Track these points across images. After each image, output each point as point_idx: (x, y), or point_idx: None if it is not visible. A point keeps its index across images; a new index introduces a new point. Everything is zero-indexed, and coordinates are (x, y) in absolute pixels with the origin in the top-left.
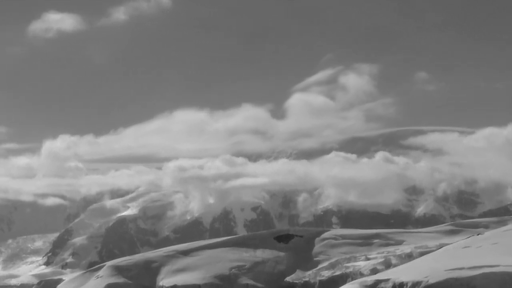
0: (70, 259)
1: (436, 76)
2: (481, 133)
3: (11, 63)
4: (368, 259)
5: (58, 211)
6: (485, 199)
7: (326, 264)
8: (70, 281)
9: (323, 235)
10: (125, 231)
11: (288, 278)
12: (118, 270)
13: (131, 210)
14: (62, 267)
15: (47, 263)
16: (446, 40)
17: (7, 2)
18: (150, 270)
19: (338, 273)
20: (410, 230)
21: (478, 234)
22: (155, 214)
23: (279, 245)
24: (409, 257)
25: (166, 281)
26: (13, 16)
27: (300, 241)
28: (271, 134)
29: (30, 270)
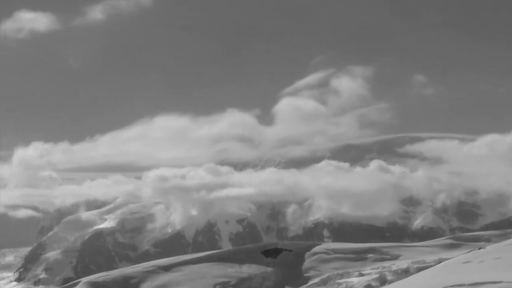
0: (43, 275)
1: (434, 79)
2: (482, 140)
3: None
4: (362, 275)
5: (31, 224)
6: (487, 211)
7: (317, 280)
8: None
9: (314, 249)
10: (102, 245)
11: None
12: (95, 286)
13: (109, 223)
14: (35, 284)
15: (19, 279)
16: (445, 40)
17: None
18: (129, 286)
19: None
20: (406, 244)
21: (479, 248)
22: (134, 227)
23: (267, 260)
24: (405, 272)
25: None
26: None
27: (289, 255)
28: (258, 141)
29: (0, 286)
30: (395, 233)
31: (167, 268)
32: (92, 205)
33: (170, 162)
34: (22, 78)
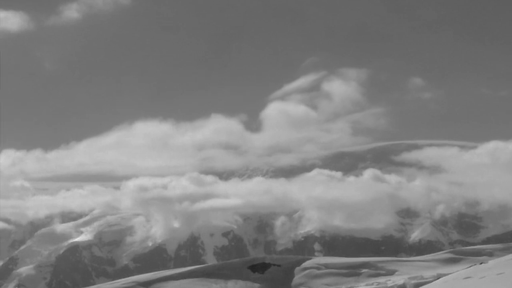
0: None
1: (433, 82)
2: (484, 147)
3: None
4: None
5: (2, 237)
6: (489, 223)
7: None
8: None
9: (304, 264)
10: (78, 260)
11: None
12: None
13: (85, 236)
14: None
15: None
16: (444, 41)
17: None
18: None
19: None
20: (403, 259)
21: (481, 263)
22: (112, 240)
23: (254, 275)
24: None
25: None
26: None
27: (277, 271)
28: (245, 149)
29: None
30: (391, 247)
31: (147, 284)
32: (67, 217)
33: (151, 171)
34: None
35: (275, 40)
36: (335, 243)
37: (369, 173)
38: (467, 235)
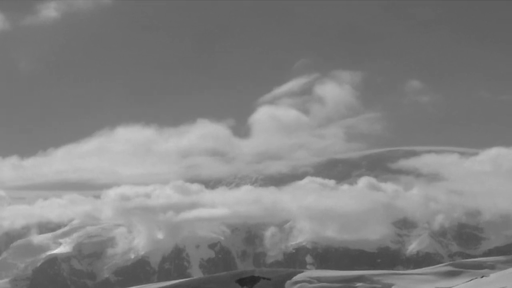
0: None
1: (430, 85)
2: (485, 154)
3: None
4: None
5: None
6: (490, 234)
7: None
8: None
9: (295, 278)
10: (56, 273)
11: None
12: None
13: (64, 248)
14: None
15: None
16: (442, 41)
17: None
18: None
19: None
20: (400, 272)
21: (482, 277)
22: (93, 252)
23: None
24: None
25: None
26: None
27: (267, 284)
28: (232, 155)
29: None
30: (387, 259)
31: None
32: (45, 227)
33: (133, 179)
34: None
35: (264, 40)
36: (328, 256)
37: (364, 181)
38: (468, 247)
